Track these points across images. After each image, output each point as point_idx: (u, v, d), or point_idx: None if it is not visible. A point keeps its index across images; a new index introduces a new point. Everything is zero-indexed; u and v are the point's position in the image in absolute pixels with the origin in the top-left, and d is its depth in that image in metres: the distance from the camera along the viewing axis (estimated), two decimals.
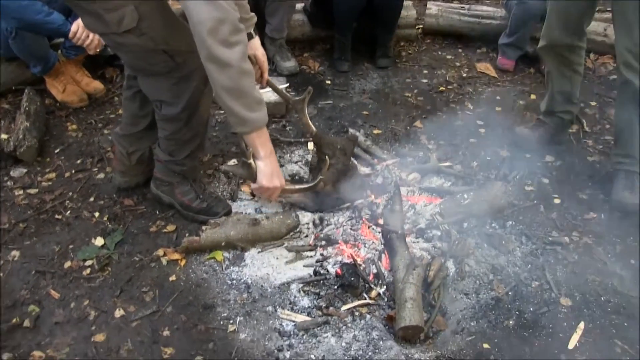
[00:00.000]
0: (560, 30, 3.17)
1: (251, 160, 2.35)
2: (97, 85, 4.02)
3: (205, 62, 2.09)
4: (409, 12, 4.88)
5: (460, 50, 4.96)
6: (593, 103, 4.12)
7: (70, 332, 2.36)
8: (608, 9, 4.34)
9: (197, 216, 2.90)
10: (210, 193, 2.98)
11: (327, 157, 2.76)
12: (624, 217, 3.02)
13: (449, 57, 4.86)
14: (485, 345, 2.31)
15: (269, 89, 2.94)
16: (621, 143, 3.15)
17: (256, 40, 2.67)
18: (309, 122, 2.84)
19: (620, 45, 2.90)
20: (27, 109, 3.50)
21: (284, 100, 2.92)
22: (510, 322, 2.42)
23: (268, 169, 2.35)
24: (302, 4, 4.76)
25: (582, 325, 2.42)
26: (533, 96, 4.23)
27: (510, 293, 2.55)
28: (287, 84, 4.02)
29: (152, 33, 2.30)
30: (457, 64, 4.75)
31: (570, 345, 2.34)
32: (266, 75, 2.73)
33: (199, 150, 2.86)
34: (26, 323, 2.38)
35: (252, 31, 2.61)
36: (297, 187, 2.79)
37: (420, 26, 5.20)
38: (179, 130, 2.66)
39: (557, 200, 3.14)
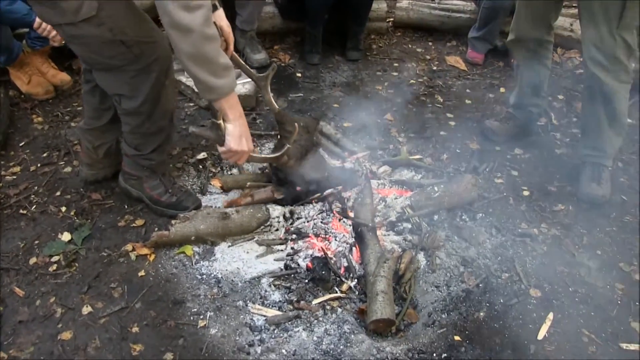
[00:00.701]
0: (528, 24, 3.20)
1: (221, 122, 2.26)
2: (63, 77, 3.94)
3: (167, 28, 2.01)
4: (379, 5, 4.88)
5: (430, 44, 4.98)
6: (560, 97, 4.18)
7: (35, 331, 2.31)
8: (574, 4, 4.39)
9: (167, 210, 2.86)
10: (179, 187, 2.94)
11: (292, 130, 2.69)
12: (591, 209, 3.07)
13: (419, 50, 4.87)
14: (457, 338, 2.33)
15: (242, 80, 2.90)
16: (588, 136, 3.19)
17: (221, 12, 2.60)
18: (272, 99, 2.80)
19: (587, 40, 2.94)
20: None
21: (247, 75, 2.84)
22: (481, 313, 2.44)
23: (237, 131, 2.27)
24: None
25: (551, 315, 2.45)
26: (502, 89, 4.27)
27: (480, 285, 2.58)
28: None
29: (110, 23, 2.22)
30: (427, 57, 4.76)
31: (540, 336, 2.37)
32: (231, 47, 2.65)
33: (166, 144, 2.81)
34: None
35: (216, 2, 2.55)
36: (264, 155, 2.73)
37: (391, 19, 5.20)
38: (142, 123, 2.61)
39: (526, 193, 3.18)
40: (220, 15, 2.58)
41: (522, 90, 3.50)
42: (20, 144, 3.38)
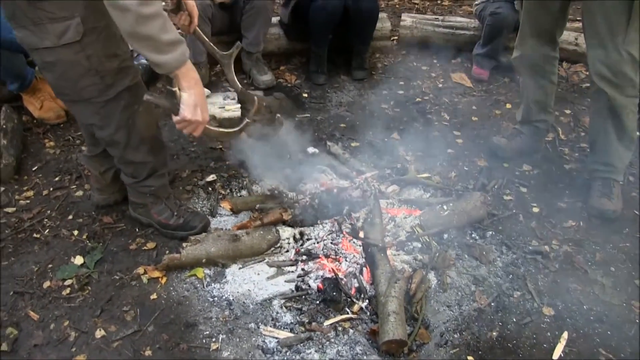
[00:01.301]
0: (533, 41, 3.21)
1: (176, 89, 2.23)
2: None
3: (108, 8, 2.01)
4: (383, 24, 4.92)
5: (435, 61, 5.00)
6: (567, 111, 4.19)
7: (49, 355, 2.32)
8: (578, 18, 4.41)
9: (176, 233, 2.89)
10: (185, 208, 2.96)
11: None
12: (602, 225, 3.06)
13: (424, 68, 4.90)
14: (470, 358, 2.32)
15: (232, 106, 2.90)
16: (597, 151, 3.20)
17: None
18: (235, 78, 2.79)
19: (592, 56, 2.95)
20: (4, 127, 3.47)
21: (210, 53, 2.83)
22: (494, 333, 2.43)
23: (191, 100, 2.22)
24: (278, 18, 4.77)
25: (565, 334, 2.44)
26: (508, 105, 4.28)
27: (492, 304, 2.57)
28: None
29: (90, 50, 2.25)
30: (433, 74, 4.78)
31: (555, 356, 2.35)
32: (195, 21, 2.66)
33: (161, 168, 2.82)
34: (4, 347, 2.33)
35: None
36: (221, 129, 2.66)
37: (396, 37, 5.25)
38: (123, 152, 2.64)
39: (536, 209, 3.17)
40: None
41: (528, 106, 3.51)
42: (34, 169, 3.42)
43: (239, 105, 2.93)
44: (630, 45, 2.83)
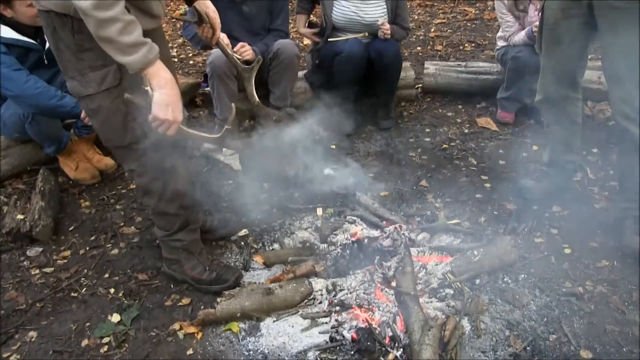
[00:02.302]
0: (554, 84, 3.24)
1: (148, 89, 2.25)
2: (108, 161, 4.13)
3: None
4: (407, 72, 5.00)
5: (460, 107, 5.05)
6: (595, 150, 4.17)
7: None
8: (599, 56, 4.43)
9: (209, 287, 2.93)
10: (218, 262, 3.01)
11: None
12: (637, 263, 3.01)
13: (449, 114, 4.95)
14: None
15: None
16: (626, 189, 3.18)
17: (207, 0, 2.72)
18: (254, 92, 2.83)
19: (614, 96, 2.96)
20: (42, 188, 3.60)
21: (232, 63, 2.88)
22: None
23: (162, 99, 2.24)
24: (304, 72, 4.88)
25: None
26: (535, 147, 4.29)
27: (528, 348, 2.54)
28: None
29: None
30: (458, 120, 4.83)
31: None
32: (217, 34, 2.74)
33: (192, 224, 2.91)
34: None
35: None
36: (199, 133, 2.57)
37: (420, 86, 5.32)
38: (157, 202, 2.74)
39: (567, 250, 3.15)
40: (205, 3, 2.70)
41: (554, 147, 3.52)
42: (70, 229, 3.52)
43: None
44: None
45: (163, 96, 2.24)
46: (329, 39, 4.48)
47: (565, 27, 3.04)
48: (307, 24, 4.86)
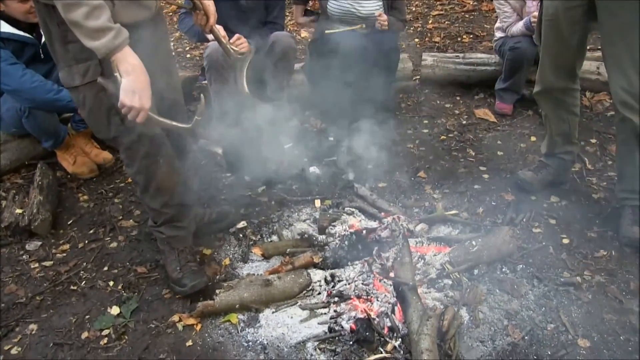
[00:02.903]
0: (553, 75, 3.24)
1: (117, 74, 2.23)
2: (105, 155, 4.13)
3: None
4: (405, 64, 5.00)
5: (458, 98, 5.06)
6: (593, 140, 4.18)
7: None
8: (598, 47, 4.43)
9: (173, 286, 2.91)
10: (191, 265, 2.93)
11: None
12: (635, 253, 3.03)
13: (447, 105, 4.95)
14: None
15: None
16: (625, 179, 3.18)
17: None
18: (244, 82, 2.83)
19: (615, 85, 2.95)
20: (40, 183, 3.60)
21: (226, 54, 2.86)
22: None
23: (128, 86, 2.22)
24: (302, 64, 4.88)
25: None
26: (533, 138, 4.30)
27: (526, 338, 2.55)
28: (291, 144, 4.11)
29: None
30: (456, 111, 4.83)
31: None
32: (212, 21, 2.73)
33: (178, 222, 2.91)
34: None
35: None
36: (170, 122, 2.51)
37: (418, 77, 5.32)
38: (142, 195, 2.80)
39: (565, 241, 3.16)
40: None
41: (552, 139, 3.52)
42: (69, 222, 3.53)
43: None
44: None
45: (130, 82, 2.22)
46: (326, 31, 4.46)
47: (565, 17, 3.03)
48: (304, 13, 4.85)
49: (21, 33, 3.57)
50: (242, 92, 2.86)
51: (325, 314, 2.71)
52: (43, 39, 3.58)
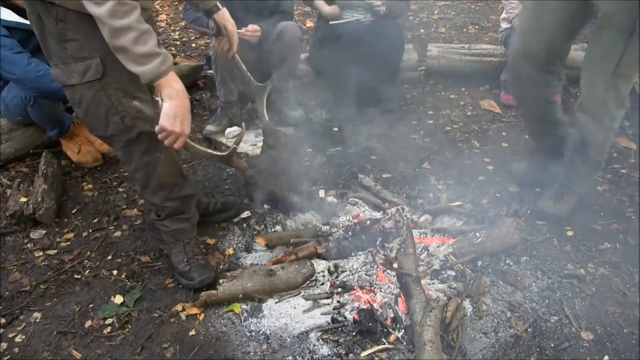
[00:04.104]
0: (532, 65, 3.14)
1: (158, 99, 2.25)
2: None
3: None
4: (410, 55, 4.98)
5: (463, 89, 5.04)
6: None
7: None
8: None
9: (179, 278, 2.91)
10: (199, 258, 2.93)
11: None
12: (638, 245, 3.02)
13: (452, 96, 4.93)
14: None
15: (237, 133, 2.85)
16: (564, 162, 3.26)
17: (224, 12, 2.73)
18: (264, 111, 2.83)
19: (582, 83, 2.96)
20: (44, 171, 3.60)
21: (246, 81, 2.89)
22: (532, 359, 2.41)
23: (171, 111, 2.24)
24: (307, 54, 4.86)
25: (606, 359, 2.40)
26: None
27: (529, 330, 2.55)
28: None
29: (110, 90, 2.37)
30: (461, 102, 4.81)
31: None
32: (234, 48, 2.75)
33: (181, 214, 2.91)
34: None
35: (217, 3, 2.68)
36: (206, 150, 2.58)
37: (423, 68, 5.30)
38: (142, 191, 2.79)
39: (570, 233, 3.15)
40: (224, 16, 2.72)
41: (530, 128, 3.55)
42: (73, 211, 3.54)
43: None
44: (620, 77, 2.81)
45: (172, 108, 2.23)
46: (331, 22, 4.44)
47: (559, 5, 2.96)
48: None
49: (27, 22, 3.56)
50: (263, 120, 2.87)
51: (328, 304, 2.71)
52: None
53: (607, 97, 2.86)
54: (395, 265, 2.81)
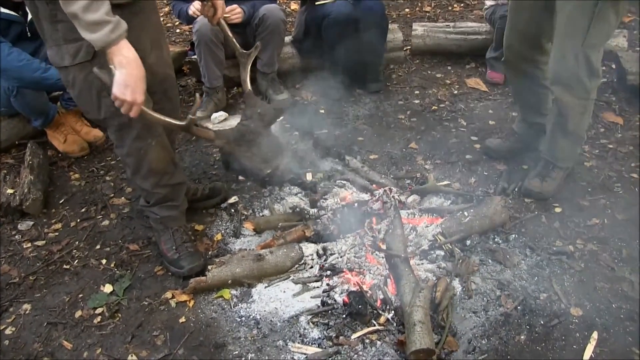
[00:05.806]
0: (518, 43, 3.17)
1: (112, 67, 2.18)
2: (96, 133, 4.09)
3: None
4: (395, 34, 4.94)
5: (449, 68, 5.02)
6: None
7: None
8: None
9: (168, 266, 2.91)
10: (188, 246, 2.93)
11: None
12: (627, 222, 3.03)
13: (438, 75, 4.91)
14: None
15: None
16: (546, 139, 3.30)
17: None
18: (247, 79, 2.80)
19: (553, 56, 2.97)
20: (30, 162, 3.57)
21: (232, 48, 2.85)
22: (522, 337, 2.43)
23: (121, 80, 2.18)
24: (291, 36, 4.82)
25: (595, 334, 2.42)
26: None
27: (519, 307, 2.56)
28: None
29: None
30: (448, 81, 4.80)
31: (586, 356, 2.33)
32: (219, 13, 2.72)
33: (171, 201, 2.89)
34: None
35: None
36: (164, 118, 2.41)
37: (408, 47, 5.28)
38: (133, 176, 2.78)
39: (558, 210, 3.16)
40: None
41: (520, 109, 3.55)
42: (60, 201, 3.51)
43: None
44: (589, 48, 2.81)
45: (123, 75, 2.18)
46: (316, 2, 4.40)
47: None
48: None
49: (7, 11, 3.52)
50: (244, 88, 2.81)
51: (317, 287, 2.72)
52: (29, 17, 3.52)
53: (579, 68, 2.86)
54: (383, 247, 2.81)
